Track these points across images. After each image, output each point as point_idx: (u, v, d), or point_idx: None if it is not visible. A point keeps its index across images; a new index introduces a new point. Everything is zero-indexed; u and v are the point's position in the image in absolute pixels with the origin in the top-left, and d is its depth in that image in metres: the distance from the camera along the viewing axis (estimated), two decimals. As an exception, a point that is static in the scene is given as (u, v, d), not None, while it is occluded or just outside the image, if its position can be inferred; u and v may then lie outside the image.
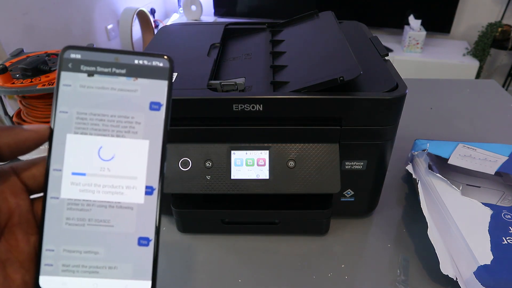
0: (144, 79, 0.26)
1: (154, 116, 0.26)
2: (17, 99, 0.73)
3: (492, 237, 0.46)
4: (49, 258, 0.25)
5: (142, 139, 0.26)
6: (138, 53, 0.26)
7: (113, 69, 0.25)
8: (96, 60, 0.25)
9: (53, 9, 1.83)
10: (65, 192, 0.25)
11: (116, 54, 0.25)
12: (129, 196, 0.26)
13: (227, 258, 0.53)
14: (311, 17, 0.62)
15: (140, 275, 0.26)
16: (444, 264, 0.46)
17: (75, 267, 0.25)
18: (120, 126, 0.26)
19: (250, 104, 0.44)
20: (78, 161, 0.25)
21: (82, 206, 0.25)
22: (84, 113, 0.25)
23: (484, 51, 2.37)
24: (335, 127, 0.46)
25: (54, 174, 0.25)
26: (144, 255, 0.26)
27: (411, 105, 0.71)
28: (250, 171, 0.48)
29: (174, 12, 2.96)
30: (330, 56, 0.49)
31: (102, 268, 0.25)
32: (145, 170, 0.26)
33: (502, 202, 0.55)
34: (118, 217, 0.25)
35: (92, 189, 0.25)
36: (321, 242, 0.55)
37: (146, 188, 0.26)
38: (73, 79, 0.25)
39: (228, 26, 0.67)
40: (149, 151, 0.26)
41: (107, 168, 0.25)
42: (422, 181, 0.57)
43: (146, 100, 0.26)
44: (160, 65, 0.26)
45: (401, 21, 2.47)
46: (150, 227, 0.26)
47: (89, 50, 0.25)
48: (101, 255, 0.25)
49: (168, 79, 0.26)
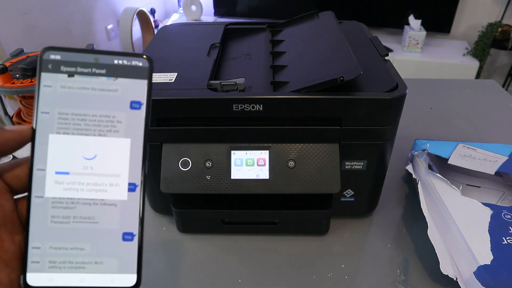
0: (124, 79, 0.26)
1: (135, 115, 0.26)
2: (17, 99, 0.73)
3: (492, 237, 0.46)
4: (35, 256, 0.25)
5: (124, 137, 0.26)
6: (117, 53, 0.26)
7: (93, 69, 0.26)
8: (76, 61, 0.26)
9: (53, 9, 1.83)
10: (49, 191, 0.26)
11: (95, 55, 0.26)
12: (112, 193, 0.26)
13: (227, 258, 0.53)
14: (311, 17, 0.62)
15: (126, 269, 0.26)
16: (444, 264, 0.46)
17: (61, 263, 0.26)
18: (102, 126, 0.26)
19: (250, 104, 0.44)
20: (61, 161, 0.26)
21: (67, 204, 0.26)
22: (65, 113, 0.26)
23: (484, 51, 2.37)
24: (335, 127, 0.46)
25: (37, 173, 0.26)
26: (128, 249, 0.26)
27: (411, 105, 0.71)
28: (250, 171, 0.48)
29: (174, 12, 2.96)
30: (330, 56, 0.49)
31: (88, 263, 0.26)
32: (128, 168, 0.26)
33: (502, 202, 0.55)
34: (102, 213, 0.26)
35: (76, 187, 0.26)
36: (321, 242, 0.55)
37: (129, 185, 0.26)
38: (54, 80, 0.26)
39: (228, 26, 0.67)
40: (131, 149, 0.26)
41: (90, 166, 0.26)
42: (422, 181, 0.57)
43: (127, 99, 0.26)
44: (139, 64, 0.26)
45: (401, 21, 2.47)
46: (134, 222, 0.26)
47: (69, 50, 0.26)
48: (86, 251, 0.26)
49: (148, 78, 0.26)
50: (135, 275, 0.26)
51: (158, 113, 0.46)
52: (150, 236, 0.56)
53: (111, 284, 0.26)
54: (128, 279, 0.26)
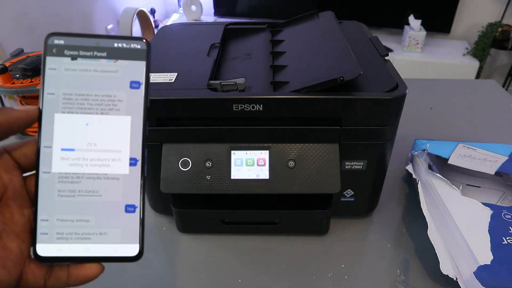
0: (124, 61, 0.28)
1: (135, 94, 0.28)
2: (17, 99, 0.73)
3: (492, 237, 0.46)
4: (44, 228, 0.27)
5: (125, 115, 0.28)
6: (117, 36, 0.28)
7: (95, 52, 0.28)
8: (78, 45, 0.27)
9: (53, 9, 1.83)
10: (55, 166, 0.27)
11: (97, 39, 0.28)
12: (115, 168, 0.28)
13: (227, 258, 0.53)
14: (311, 17, 0.62)
15: (129, 239, 0.28)
16: (444, 264, 0.46)
17: (68, 234, 0.27)
18: (104, 104, 0.28)
19: (250, 104, 0.44)
20: (66, 138, 0.27)
21: (72, 178, 0.27)
22: (69, 93, 0.27)
23: (484, 51, 2.37)
24: (335, 127, 0.46)
25: (45, 150, 0.27)
26: (131, 220, 0.28)
27: (411, 105, 0.71)
28: (250, 171, 0.48)
29: (174, 12, 2.96)
30: (330, 56, 0.49)
31: (93, 234, 0.28)
32: (129, 144, 0.28)
33: (502, 202, 0.55)
34: (106, 187, 0.28)
35: (81, 162, 0.28)
36: (321, 242, 0.55)
37: (130, 160, 0.28)
38: (58, 63, 0.27)
39: (228, 26, 0.67)
40: (131, 126, 0.28)
41: (93, 143, 0.28)
42: (422, 181, 0.57)
43: (127, 80, 0.28)
44: (138, 47, 0.28)
45: (401, 21, 2.47)
46: (136, 195, 0.28)
47: (72, 35, 0.27)
48: (91, 223, 0.28)
49: (146, 59, 0.28)
50: (138, 245, 0.28)
51: (158, 113, 0.46)
52: (150, 236, 0.56)
53: (115, 254, 0.28)
54: (131, 249, 0.28)
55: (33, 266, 0.27)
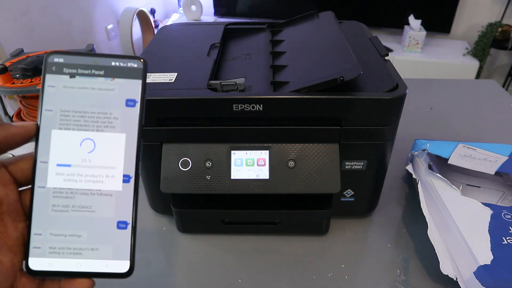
0: (121, 79, 0.29)
1: (130, 112, 0.29)
2: (17, 99, 0.73)
3: (492, 237, 0.46)
4: (37, 242, 0.28)
5: (120, 132, 0.29)
6: (114, 55, 0.29)
7: (93, 70, 0.28)
8: (77, 63, 0.28)
9: (53, 9, 1.83)
10: (51, 181, 0.28)
11: (95, 58, 0.28)
12: (108, 184, 0.28)
13: (227, 258, 0.53)
14: (311, 17, 0.62)
15: (120, 256, 0.28)
16: (444, 264, 0.46)
17: (60, 249, 0.28)
18: (100, 122, 0.28)
19: (250, 104, 0.44)
20: (62, 154, 0.28)
21: (66, 194, 0.28)
22: (67, 110, 0.28)
23: (484, 51, 2.37)
24: (335, 127, 0.46)
25: (41, 165, 0.28)
26: (123, 237, 0.28)
27: (411, 105, 0.71)
28: (250, 171, 0.48)
29: (174, 12, 2.96)
30: (330, 56, 0.49)
31: (85, 249, 0.28)
32: (123, 160, 0.28)
33: (502, 202, 0.55)
34: (99, 203, 0.28)
35: (75, 178, 0.28)
36: (321, 242, 0.55)
37: (123, 176, 0.28)
38: (57, 81, 0.28)
39: (228, 26, 0.67)
40: (126, 143, 0.29)
41: (88, 159, 0.28)
42: (422, 181, 0.57)
43: (123, 98, 0.29)
44: (134, 66, 0.29)
45: (401, 21, 2.47)
46: (128, 211, 0.28)
47: (71, 54, 0.28)
48: (83, 238, 0.28)
49: (142, 78, 0.29)
50: (129, 261, 0.28)
51: (158, 113, 0.46)
52: (150, 236, 0.56)
53: (106, 269, 0.28)
54: (121, 266, 0.28)
55: (24, 280, 0.27)
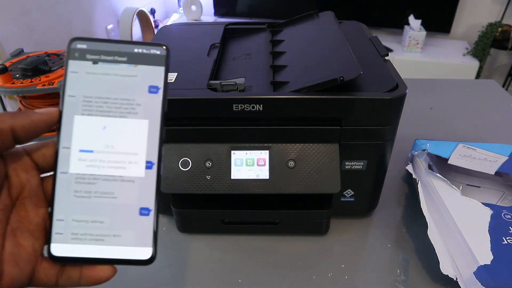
0: (143, 66, 0.28)
1: (153, 98, 0.28)
2: (17, 99, 0.73)
3: (492, 237, 0.46)
4: (59, 227, 0.27)
5: (142, 119, 0.28)
6: (137, 42, 0.29)
7: (115, 57, 0.28)
8: (100, 50, 0.28)
9: (53, 9, 1.83)
10: (73, 167, 0.28)
11: (118, 44, 0.28)
12: (131, 170, 0.28)
13: (227, 258, 0.53)
14: (311, 17, 0.62)
15: (142, 242, 0.28)
16: (444, 264, 0.46)
17: (82, 235, 0.28)
18: (122, 108, 0.28)
19: (250, 104, 0.44)
20: (85, 139, 0.28)
21: (89, 180, 0.28)
22: (89, 96, 0.28)
23: (484, 51, 2.37)
24: (335, 127, 0.46)
25: (63, 151, 0.28)
26: (145, 224, 0.28)
27: (411, 105, 0.71)
28: (250, 171, 0.48)
29: (174, 12, 2.96)
30: (330, 56, 0.49)
31: (107, 236, 0.28)
32: (145, 147, 0.28)
33: (502, 202, 0.55)
34: (121, 189, 0.28)
35: (98, 164, 0.28)
36: (321, 242, 0.55)
37: (146, 163, 0.28)
38: (80, 67, 0.28)
39: (228, 26, 0.67)
40: (148, 129, 0.28)
41: (111, 145, 0.28)
42: (422, 181, 0.57)
43: (145, 84, 0.28)
44: (157, 53, 0.29)
45: (401, 21, 2.47)
46: (150, 198, 0.28)
47: (94, 40, 0.28)
48: (106, 224, 0.28)
49: (165, 65, 0.29)
50: (151, 248, 0.28)
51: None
52: (150, 236, 0.56)
53: (128, 256, 0.28)
54: (144, 252, 0.28)
55: (46, 264, 0.27)
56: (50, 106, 0.72)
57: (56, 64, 0.72)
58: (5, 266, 0.25)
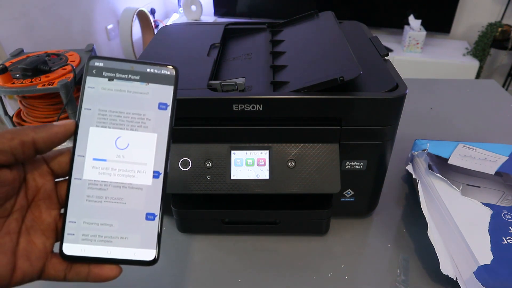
0: (155, 84, 0.31)
1: (162, 114, 0.31)
2: (17, 99, 0.73)
3: (492, 237, 0.46)
4: (71, 229, 0.30)
5: (152, 132, 0.31)
6: (150, 63, 0.31)
7: (129, 75, 0.31)
8: (115, 68, 0.31)
9: (53, 9, 1.83)
10: (87, 174, 0.30)
11: (132, 64, 0.31)
12: (139, 179, 0.31)
13: (227, 258, 0.53)
14: (311, 17, 0.62)
15: (147, 245, 0.30)
16: (444, 264, 0.46)
17: (92, 236, 0.30)
18: (134, 122, 0.31)
19: (250, 104, 0.44)
20: (98, 149, 0.30)
21: (101, 186, 0.30)
22: (104, 110, 0.31)
23: (484, 51, 2.37)
24: (335, 127, 0.46)
25: (78, 159, 0.30)
26: (150, 228, 0.30)
27: (411, 105, 0.71)
28: (250, 171, 0.48)
29: (174, 12, 2.96)
30: (330, 56, 0.49)
31: (115, 238, 0.30)
32: (153, 158, 0.31)
33: (502, 202, 0.55)
34: (130, 195, 0.30)
35: (109, 172, 0.30)
36: (321, 242, 0.55)
37: (153, 172, 0.31)
38: (96, 83, 0.31)
39: (228, 26, 0.67)
40: (157, 142, 0.31)
41: (122, 155, 0.31)
42: (422, 181, 0.57)
43: (156, 101, 0.31)
44: (167, 73, 0.32)
45: (401, 21, 2.47)
46: (156, 204, 0.31)
47: (110, 59, 0.31)
48: (114, 227, 0.30)
49: (174, 84, 0.32)
50: (155, 250, 0.30)
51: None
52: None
53: (133, 257, 0.30)
54: (148, 254, 0.30)
55: (55, 260, 0.30)
56: (50, 106, 0.72)
57: (56, 64, 0.72)
58: (18, 261, 0.28)
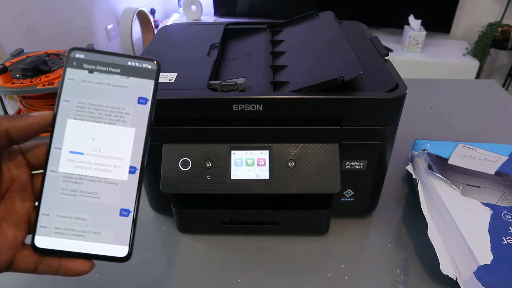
0: (135, 78, 0.31)
1: (141, 109, 0.31)
2: (17, 99, 0.73)
3: (492, 237, 0.46)
4: (44, 221, 0.30)
5: (130, 127, 0.31)
6: (131, 56, 0.31)
7: (110, 68, 0.30)
8: (96, 60, 0.30)
9: (53, 9, 1.83)
10: (62, 166, 0.30)
11: (113, 56, 0.30)
12: (115, 174, 0.30)
13: (227, 258, 0.53)
14: (311, 17, 0.62)
15: (120, 241, 0.30)
16: (444, 264, 0.46)
17: (65, 230, 0.30)
18: (112, 115, 0.30)
19: (250, 104, 0.44)
20: (75, 142, 0.30)
21: (76, 179, 0.30)
22: (83, 102, 0.30)
23: (484, 51, 2.37)
24: (335, 127, 0.46)
25: (54, 151, 0.30)
26: (124, 224, 0.30)
27: (411, 105, 0.71)
28: (250, 171, 0.48)
29: (174, 12, 2.96)
30: (330, 56, 0.49)
31: (88, 232, 0.30)
32: (130, 153, 0.31)
33: (502, 202, 0.55)
34: (105, 190, 0.30)
35: (85, 165, 0.30)
36: (321, 242, 0.55)
37: (130, 168, 0.30)
38: (76, 75, 0.30)
39: (228, 26, 0.67)
40: (134, 137, 0.31)
41: (99, 149, 0.30)
42: (422, 181, 0.57)
43: (135, 95, 0.31)
44: (148, 67, 0.31)
45: (401, 21, 2.47)
46: (131, 200, 0.30)
47: (91, 51, 0.30)
48: (88, 222, 0.30)
49: (154, 79, 0.31)
50: (127, 247, 0.30)
51: (158, 113, 0.46)
52: (150, 236, 0.56)
53: (105, 253, 0.30)
54: (121, 250, 0.30)
55: (26, 253, 0.29)
56: (50, 106, 0.72)
57: (56, 64, 0.72)
58: None
